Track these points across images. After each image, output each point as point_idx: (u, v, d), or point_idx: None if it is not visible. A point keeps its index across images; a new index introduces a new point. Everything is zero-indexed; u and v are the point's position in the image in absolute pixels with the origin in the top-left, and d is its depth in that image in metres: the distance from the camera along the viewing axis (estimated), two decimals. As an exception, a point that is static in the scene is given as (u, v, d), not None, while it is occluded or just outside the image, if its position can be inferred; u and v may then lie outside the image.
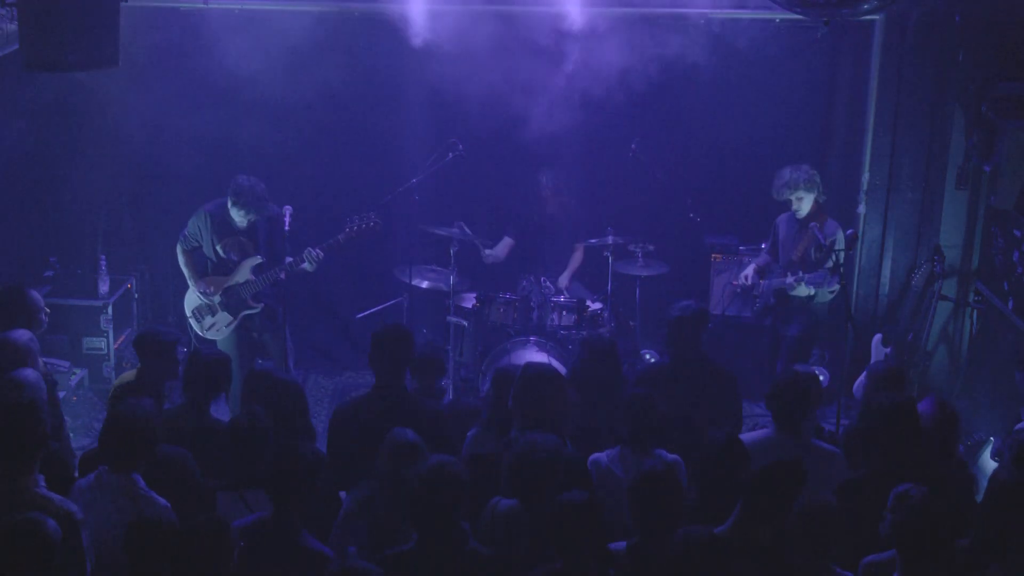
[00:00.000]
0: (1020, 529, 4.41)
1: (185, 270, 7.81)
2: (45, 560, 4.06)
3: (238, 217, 7.58)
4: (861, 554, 4.65)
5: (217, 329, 7.79)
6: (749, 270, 8.33)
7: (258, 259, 7.67)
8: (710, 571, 4.27)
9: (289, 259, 7.56)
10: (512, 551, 4.69)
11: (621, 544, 4.71)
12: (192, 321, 7.84)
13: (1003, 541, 4.44)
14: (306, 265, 7.56)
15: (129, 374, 6.12)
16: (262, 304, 7.73)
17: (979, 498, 5.04)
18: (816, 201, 7.96)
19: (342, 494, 5.48)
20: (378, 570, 4.17)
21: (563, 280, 8.64)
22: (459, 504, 4.51)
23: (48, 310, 6.36)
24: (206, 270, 7.80)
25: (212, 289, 7.71)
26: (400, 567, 4.45)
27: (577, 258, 8.77)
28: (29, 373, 5.29)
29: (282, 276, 7.56)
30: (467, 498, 4.57)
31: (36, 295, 6.27)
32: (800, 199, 7.91)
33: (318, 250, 7.53)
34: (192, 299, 7.83)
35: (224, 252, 7.70)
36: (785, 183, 7.91)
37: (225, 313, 7.75)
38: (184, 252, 7.79)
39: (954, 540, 4.35)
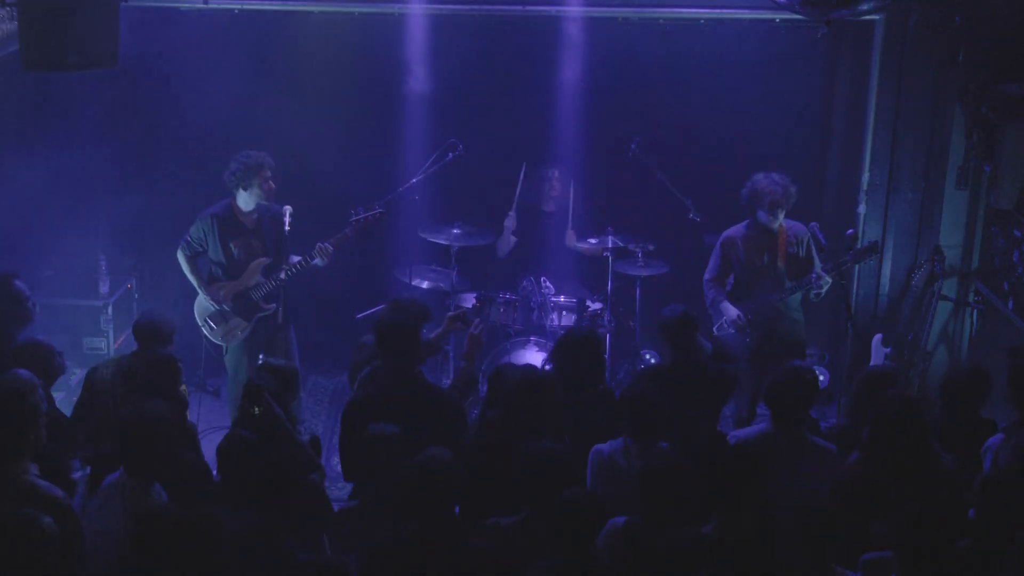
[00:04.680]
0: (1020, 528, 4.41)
1: (191, 277, 7.61)
2: (41, 555, 4.08)
3: (249, 201, 7.44)
4: (861, 553, 4.64)
5: (233, 335, 7.62)
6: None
7: (266, 260, 7.55)
8: (695, 570, 4.31)
9: (297, 258, 7.49)
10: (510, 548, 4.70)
11: (619, 519, 4.72)
12: (205, 329, 7.67)
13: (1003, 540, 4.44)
14: (318, 261, 7.46)
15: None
16: (273, 305, 7.55)
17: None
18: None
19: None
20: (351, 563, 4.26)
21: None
22: (452, 495, 4.59)
23: (35, 300, 6.32)
24: (212, 276, 7.63)
25: (223, 295, 7.56)
26: (393, 552, 4.49)
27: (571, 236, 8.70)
28: (23, 372, 5.27)
29: (282, 276, 7.44)
30: (459, 489, 4.62)
31: (21, 284, 6.21)
32: (783, 214, 7.58)
33: (327, 244, 7.44)
34: (204, 306, 7.63)
35: (236, 252, 7.54)
36: (772, 198, 7.51)
37: (239, 319, 7.60)
38: (187, 258, 7.56)
39: (951, 545, 4.33)
